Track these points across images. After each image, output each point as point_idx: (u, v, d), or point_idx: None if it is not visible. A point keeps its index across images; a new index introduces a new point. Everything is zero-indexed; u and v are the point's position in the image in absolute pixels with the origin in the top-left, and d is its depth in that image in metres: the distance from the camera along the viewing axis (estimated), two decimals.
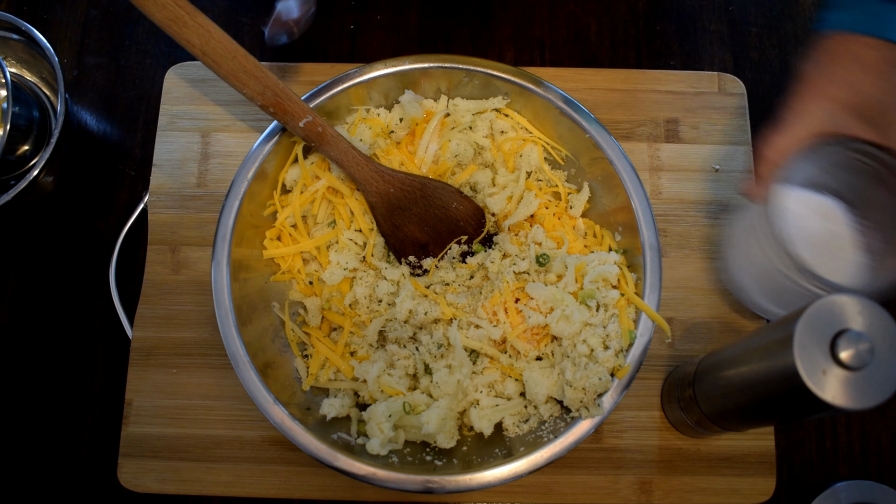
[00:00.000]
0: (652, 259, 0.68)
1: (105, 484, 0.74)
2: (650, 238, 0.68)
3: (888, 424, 0.76)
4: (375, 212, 0.72)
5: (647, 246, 0.68)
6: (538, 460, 0.63)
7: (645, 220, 0.69)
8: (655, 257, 0.68)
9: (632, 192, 0.69)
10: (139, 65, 0.86)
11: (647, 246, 0.68)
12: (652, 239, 0.68)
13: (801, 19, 0.88)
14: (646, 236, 0.68)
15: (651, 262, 0.68)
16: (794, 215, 0.67)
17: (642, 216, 0.69)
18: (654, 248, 0.68)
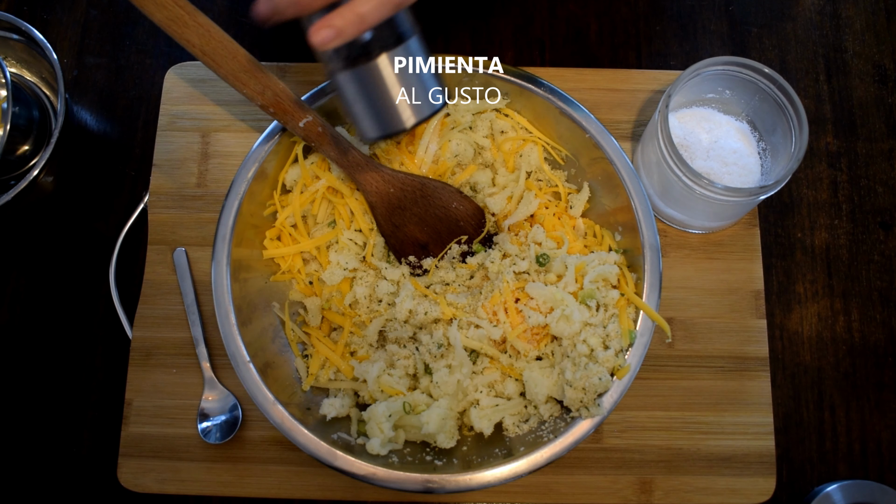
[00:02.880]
0: (652, 259, 0.68)
1: (105, 484, 0.74)
2: (650, 238, 0.68)
3: (888, 424, 0.76)
4: (375, 212, 0.72)
5: (647, 246, 0.68)
6: (538, 460, 0.63)
7: (645, 220, 0.69)
8: (655, 257, 0.68)
9: (632, 192, 0.69)
10: (139, 65, 0.86)
11: (647, 246, 0.68)
12: (652, 239, 0.68)
13: (801, 19, 0.88)
14: (646, 236, 0.68)
15: (651, 262, 0.68)
16: (682, 124, 0.76)
17: (642, 216, 0.69)
18: (654, 248, 0.68)
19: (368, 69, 0.55)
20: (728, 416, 0.74)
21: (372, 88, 0.56)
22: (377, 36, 0.55)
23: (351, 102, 0.57)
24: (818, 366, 0.78)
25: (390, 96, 0.56)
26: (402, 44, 0.55)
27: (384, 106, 0.56)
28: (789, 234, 0.81)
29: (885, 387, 0.77)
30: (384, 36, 0.55)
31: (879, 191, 0.82)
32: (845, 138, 0.84)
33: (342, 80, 0.56)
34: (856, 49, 0.87)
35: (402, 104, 0.57)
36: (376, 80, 0.56)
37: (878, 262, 0.80)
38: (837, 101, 0.85)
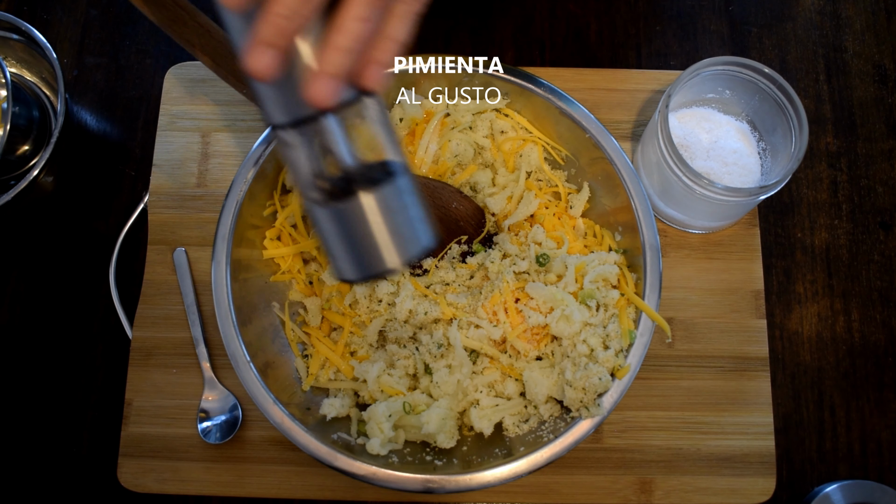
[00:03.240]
0: (652, 259, 0.68)
1: (105, 484, 0.74)
2: (650, 238, 0.68)
3: (888, 424, 0.76)
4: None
5: (647, 246, 0.68)
6: (538, 460, 0.63)
7: (645, 220, 0.69)
8: (655, 257, 0.68)
9: (632, 192, 0.69)
10: (139, 65, 0.86)
11: (647, 246, 0.68)
12: (652, 239, 0.68)
13: (801, 19, 0.88)
14: (646, 236, 0.68)
15: (651, 262, 0.68)
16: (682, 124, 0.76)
17: (642, 216, 0.69)
18: (654, 248, 0.68)
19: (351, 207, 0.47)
20: (728, 416, 0.74)
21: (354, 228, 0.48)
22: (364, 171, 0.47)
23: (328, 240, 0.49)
24: (818, 366, 0.78)
25: (373, 237, 0.48)
26: (391, 182, 0.47)
27: (366, 246, 0.48)
28: (789, 234, 0.81)
29: (885, 387, 0.77)
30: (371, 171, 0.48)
31: (879, 191, 0.82)
32: (845, 138, 0.84)
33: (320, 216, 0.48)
34: (856, 49, 0.87)
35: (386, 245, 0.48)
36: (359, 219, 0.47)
37: (878, 262, 0.80)
38: (837, 101, 0.85)
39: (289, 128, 0.44)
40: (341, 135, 0.45)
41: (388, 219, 0.48)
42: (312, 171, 0.47)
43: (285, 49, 0.38)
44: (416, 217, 0.49)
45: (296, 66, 0.40)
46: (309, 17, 0.37)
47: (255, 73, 0.38)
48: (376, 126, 0.47)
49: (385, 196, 0.47)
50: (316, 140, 0.45)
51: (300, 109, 0.43)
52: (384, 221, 0.47)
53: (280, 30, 0.37)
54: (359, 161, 0.47)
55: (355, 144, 0.46)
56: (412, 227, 0.49)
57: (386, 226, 0.48)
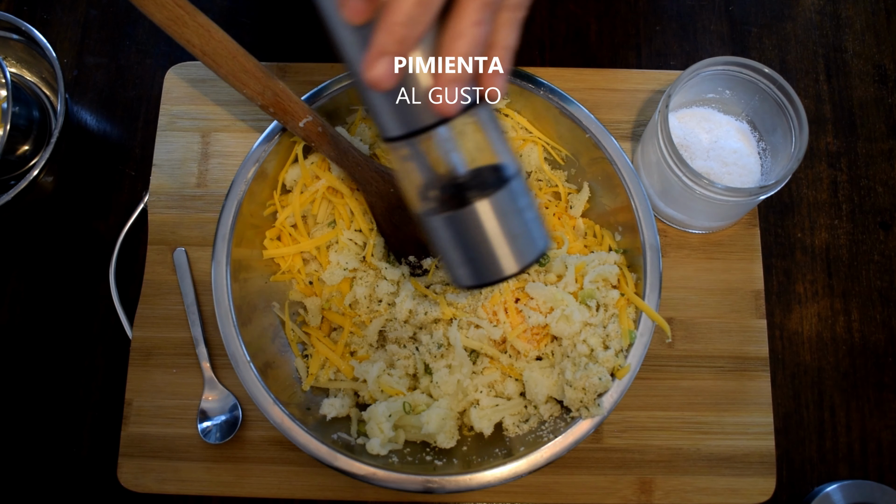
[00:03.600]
0: (652, 259, 0.68)
1: (105, 484, 0.74)
2: (650, 238, 0.68)
3: (888, 424, 0.76)
4: (375, 212, 0.72)
5: (647, 246, 0.68)
6: (538, 460, 0.63)
7: (645, 220, 0.69)
8: (655, 257, 0.68)
9: (632, 192, 0.69)
10: (139, 65, 0.86)
11: (647, 246, 0.68)
12: (652, 239, 0.68)
13: (801, 19, 0.88)
14: (646, 236, 0.68)
15: (651, 262, 0.68)
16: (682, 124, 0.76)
17: (642, 216, 0.69)
18: (654, 248, 0.68)
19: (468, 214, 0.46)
20: (728, 416, 0.74)
21: (469, 236, 0.47)
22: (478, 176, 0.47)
23: (445, 248, 0.49)
24: (818, 366, 0.78)
25: (490, 244, 0.47)
26: (507, 185, 0.46)
27: (483, 253, 0.48)
28: (789, 234, 0.81)
29: (885, 387, 0.77)
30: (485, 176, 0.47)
31: (879, 191, 0.82)
32: (845, 138, 0.84)
33: (436, 225, 0.48)
34: (856, 49, 0.87)
35: (504, 251, 0.48)
36: (476, 226, 0.47)
37: (878, 262, 0.80)
38: (837, 101, 0.85)
39: (405, 139, 0.44)
40: (455, 142, 0.45)
41: (504, 224, 0.47)
42: (427, 181, 0.46)
43: (404, 58, 0.38)
44: (532, 220, 0.48)
45: (412, 78, 0.40)
46: (428, 23, 0.37)
47: (376, 83, 0.37)
48: (488, 130, 0.46)
49: (499, 201, 0.46)
50: (431, 149, 0.45)
51: (417, 120, 0.43)
52: (500, 227, 0.47)
53: (399, 38, 0.36)
54: (472, 167, 0.46)
55: (468, 150, 0.46)
56: (528, 230, 0.48)
57: (502, 232, 0.47)
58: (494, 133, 0.47)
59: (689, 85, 0.73)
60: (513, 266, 0.48)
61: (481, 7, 0.38)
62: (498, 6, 0.39)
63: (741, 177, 0.74)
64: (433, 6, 0.36)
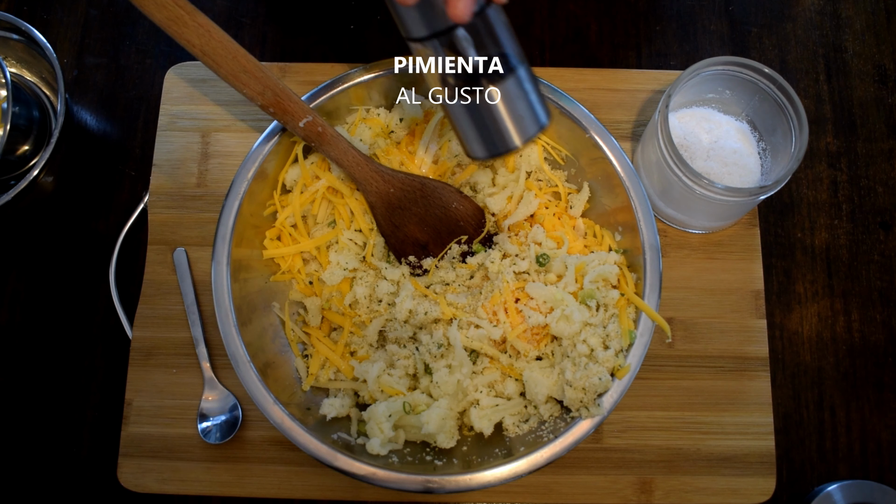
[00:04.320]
0: (652, 259, 0.68)
1: (105, 484, 0.74)
2: (650, 238, 0.68)
3: (888, 424, 0.76)
4: (375, 212, 0.72)
5: (647, 246, 0.68)
6: (538, 460, 0.63)
7: (645, 220, 0.69)
8: (655, 257, 0.68)
9: (632, 192, 0.69)
10: (139, 65, 0.86)
11: (647, 246, 0.68)
12: (652, 239, 0.68)
13: (801, 19, 0.88)
14: (646, 236, 0.68)
15: (651, 262, 0.68)
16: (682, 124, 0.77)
17: (642, 216, 0.69)
18: (654, 248, 0.68)
19: (482, 101, 0.57)
20: (728, 416, 0.74)
21: (484, 117, 0.58)
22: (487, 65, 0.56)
23: (460, 125, 0.60)
24: (818, 366, 0.78)
25: (499, 122, 0.58)
26: (513, 74, 0.57)
27: (493, 129, 0.58)
28: (789, 234, 0.81)
29: (885, 387, 0.77)
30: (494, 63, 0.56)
31: (879, 191, 0.82)
32: (845, 138, 0.84)
33: (453, 108, 0.58)
34: (856, 49, 0.87)
35: (510, 127, 0.58)
36: (489, 110, 0.57)
37: (878, 262, 0.80)
38: (837, 101, 0.85)
39: (428, 40, 0.54)
40: (469, 40, 0.54)
41: (513, 106, 0.57)
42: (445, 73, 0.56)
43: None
44: (535, 101, 0.59)
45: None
46: None
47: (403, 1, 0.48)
48: (498, 27, 0.55)
49: (507, 88, 0.57)
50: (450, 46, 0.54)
51: (437, 23, 0.52)
52: (507, 110, 0.57)
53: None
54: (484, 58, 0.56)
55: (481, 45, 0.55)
56: (532, 109, 0.59)
57: (510, 113, 0.58)
58: (502, 29, 0.56)
59: (689, 85, 0.73)
60: (518, 140, 0.59)
61: None
62: None
63: (741, 177, 0.74)
64: None
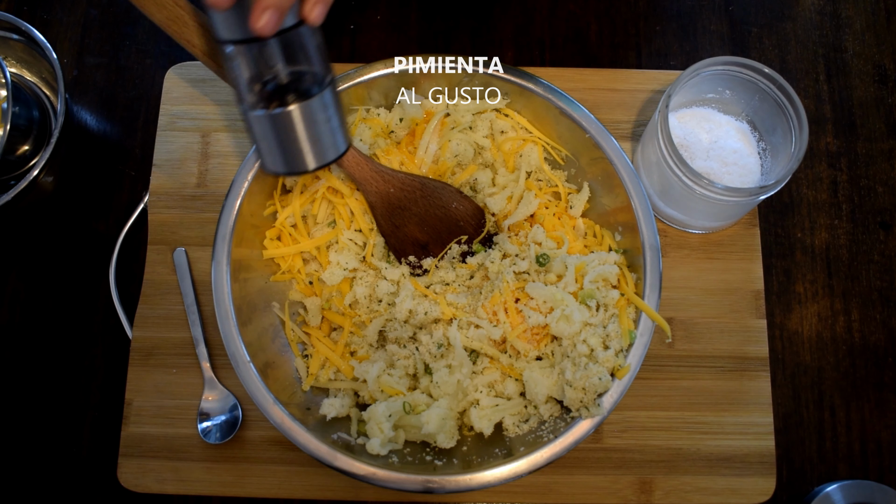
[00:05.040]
0: (652, 259, 0.68)
1: (105, 484, 0.74)
2: (650, 238, 0.68)
3: (888, 424, 0.76)
4: (375, 212, 0.72)
5: (647, 246, 0.68)
6: (538, 460, 0.63)
7: (645, 220, 0.69)
8: (655, 257, 0.68)
9: (632, 192, 0.69)
10: (139, 65, 0.86)
11: (647, 246, 0.68)
12: (652, 239, 0.68)
13: (801, 19, 0.88)
14: (646, 236, 0.68)
15: (651, 262, 0.68)
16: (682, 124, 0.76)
17: (642, 216, 0.69)
18: (654, 248, 0.68)
19: (282, 116, 0.55)
20: (728, 416, 0.74)
21: (282, 133, 0.56)
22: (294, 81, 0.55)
23: (259, 139, 0.58)
24: (818, 366, 0.78)
25: (298, 141, 0.57)
26: (319, 94, 0.55)
27: (290, 147, 0.57)
28: (789, 234, 0.81)
29: (885, 387, 0.77)
30: (302, 82, 0.55)
31: (879, 191, 0.82)
32: (845, 138, 0.84)
33: (254, 119, 0.57)
34: (856, 49, 0.87)
35: (307, 148, 0.57)
36: (288, 126, 0.56)
37: (878, 262, 0.80)
38: (837, 101, 0.85)
39: (234, 44, 0.52)
40: (279, 53, 0.53)
41: (313, 128, 0.56)
42: (250, 81, 0.54)
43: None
44: (336, 127, 0.58)
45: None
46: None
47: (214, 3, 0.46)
48: (307, 44, 0.54)
49: (312, 108, 0.55)
50: (256, 55, 0.53)
51: (243, 31, 0.50)
52: (309, 130, 0.56)
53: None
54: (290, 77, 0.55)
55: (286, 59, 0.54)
56: (333, 135, 0.58)
57: (310, 134, 0.57)
58: (314, 49, 0.55)
59: (689, 85, 0.73)
60: (313, 163, 0.58)
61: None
62: None
63: (741, 177, 0.74)
64: None
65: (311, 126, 0.56)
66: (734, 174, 0.73)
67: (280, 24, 0.49)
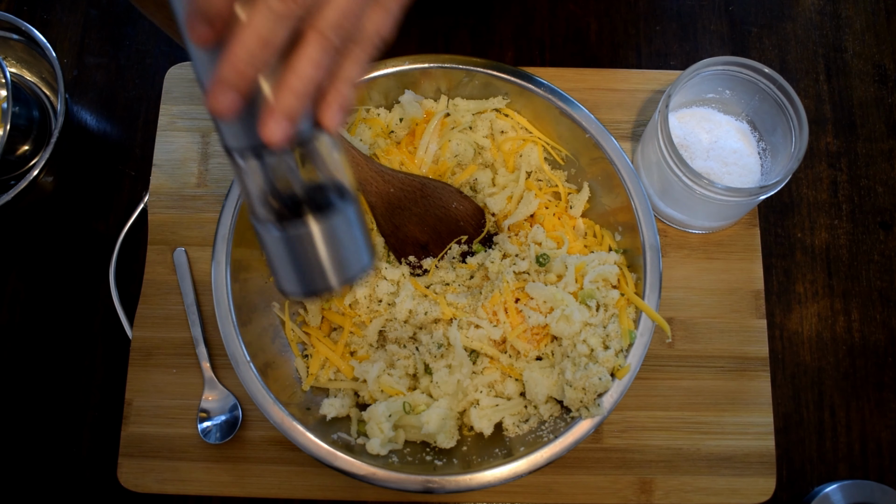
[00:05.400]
0: (652, 259, 0.68)
1: (105, 484, 0.74)
2: (650, 238, 0.68)
3: (888, 424, 0.76)
4: (375, 212, 0.72)
5: (647, 246, 0.68)
6: (538, 460, 0.63)
7: (645, 220, 0.69)
8: (655, 257, 0.68)
9: (632, 192, 0.69)
10: (139, 65, 0.86)
11: (647, 246, 0.68)
12: (652, 239, 0.68)
13: (801, 19, 0.88)
14: (646, 236, 0.68)
15: (651, 262, 0.68)
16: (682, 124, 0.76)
17: (642, 216, 0.69)
18: (654, 248, 0.68)
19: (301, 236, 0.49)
20: (728, 416, 0.74)
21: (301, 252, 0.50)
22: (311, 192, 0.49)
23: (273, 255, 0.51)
24: (818, 366, 0.78)
25: (319, 259, 0.50)
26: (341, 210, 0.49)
27: (310, 266, 0.51)
28: (789, 234, 0.81)
29: (885, 387, 0.77)
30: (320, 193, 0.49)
31: (879, 191, 0.82)
32: (845, 138, 0.84)
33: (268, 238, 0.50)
34: (856, 49, 0.87)
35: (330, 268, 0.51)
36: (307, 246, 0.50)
37: (878, 262, 0.80)
38: (837, 101, 0.85)
39: (243, 153, 0.45)
40: (293, 165, 0.47)
41: (335, 247, 0.50)
42: (262, 194, 0.48)
43: (245, 90, 0.39)
44: (360, 243, 0.51)
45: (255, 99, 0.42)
46: (268, 60, 0.38)
47: (216, 112, 0.40)
48: (324, 156, 0.48)
49: (334, 227, 0.49)
50: (269, 166, 0.46)
51: (252, 139, 0.44)
52: (330, 249, 0.50)
53: (240, 72, 0.38)
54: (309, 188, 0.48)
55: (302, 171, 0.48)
56: (356, 252, 0.51)
57: (332, 253, 0.50)
58: (333, 160, 0.49)
59: (689, 85, 0.73)
60: (336, 281, 0.51)
61: (322, 48, 0.40)
62: (346, 43, 0.41)
63: (741, 177, 0.74)
64: (274, 45, 0.38)
65: (335, 243, 0.50)
66: (734, 174, 0.73)
67: (293, 131, 0.43)
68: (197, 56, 0.42)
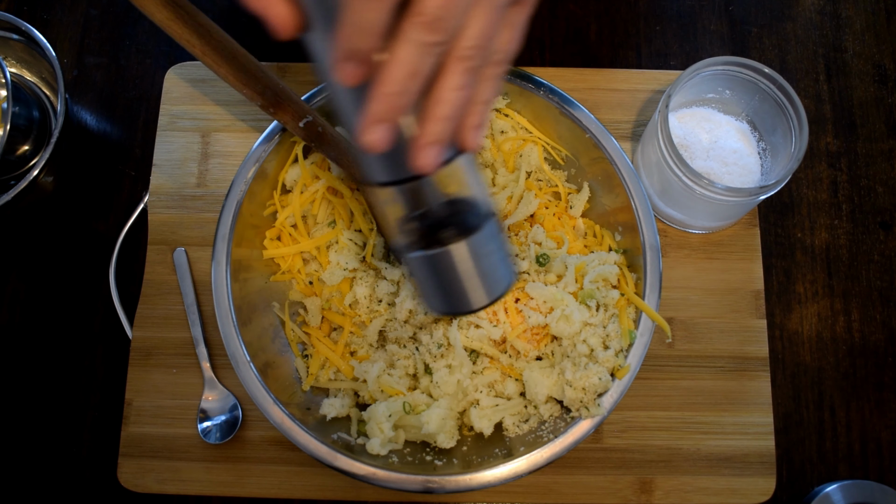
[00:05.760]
0: (652, 259, 0.68)
1: (105, 484, 0.74)
2: (650, 238, 0.68)
3: (888, 424, 0.76)
4: (375, 212, 0.72)
5: (647, 246, 0.68)
6: (538, 460, 0.63)
7: (645, 220, 0.69)
8: (655, 257, 0.68)
9: (632, 192, 0.69)
10: (139, 65, 0.86)
11: (647, 246, 0.68)
12: (652, 239, 0.68)
13: (801, 19, 0.88)
14: (646, 236, 0.68)
15: (651, 262, 0.68)
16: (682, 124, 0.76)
17: (642, 216, 0.69)
18: (654, 248, 0.68)
19: (443, 255, 0.50)
20: (728, 416, 0.74)
21: (445, 270, 0.52)
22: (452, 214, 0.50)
23: (421, 278, 0.53)
24: (818, 366, 0.78)
25: (465, 278, 0.52)
26: (481, 228, 0.50)
27: (457, 286, 0.52)
28: (789, 234, 0.81)
29: (885, 387, 0.77)
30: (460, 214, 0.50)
31: (879, 191, 0.82)
32: (845, 138, 0.84)
33: (414, 263, 0.52)
34: (856, 49, 0.87)
35: (474, 288, 0.52)
36: (449, 265, 0.51)
37: (878, 262, 0.80)
38: (837, 101, 0.85)
39: (388, 185, 0.47)
40: (434, 189, 0.48)
41: (476, 265, 0.51)
42: (406, 222, 0.49)
43: (396, 123, 0.40)
44: (501, 259, 0.53)
45: (400, 134, 0.43)
46: (417, 92, 0.39)
47: (372, 147, 0.41)
48: (467, 176, 0.49)
49: (473, 244, 0.50)
50: (411, 195, 0.48)
51: (403, 171, 0.45)
52: (473, 267, 0.51)
53: (391, 107, 0.39)
54: (449, 209, 0.49)
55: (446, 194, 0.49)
56: (497, 269, 0.52)
57: (474, 271, 0.51)
58: (472, 178, 0.50)
59: (689, 85, 0.73)
60: (483, 300, 0.53)
61: (464, 72, 0.40)
62: (482, 64, 0.42)
63: (741, 177, 0.74)
64: (422, 76, 0.39)
65: (479, 261, 0.51)
66: (734, 174, 0.73)
67: (442, 158, 0.44)
68: (343, 95, 0.43)
